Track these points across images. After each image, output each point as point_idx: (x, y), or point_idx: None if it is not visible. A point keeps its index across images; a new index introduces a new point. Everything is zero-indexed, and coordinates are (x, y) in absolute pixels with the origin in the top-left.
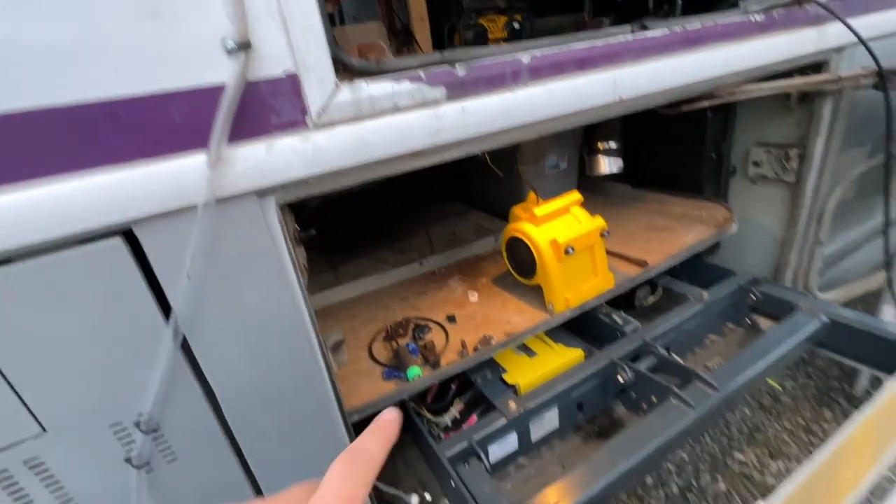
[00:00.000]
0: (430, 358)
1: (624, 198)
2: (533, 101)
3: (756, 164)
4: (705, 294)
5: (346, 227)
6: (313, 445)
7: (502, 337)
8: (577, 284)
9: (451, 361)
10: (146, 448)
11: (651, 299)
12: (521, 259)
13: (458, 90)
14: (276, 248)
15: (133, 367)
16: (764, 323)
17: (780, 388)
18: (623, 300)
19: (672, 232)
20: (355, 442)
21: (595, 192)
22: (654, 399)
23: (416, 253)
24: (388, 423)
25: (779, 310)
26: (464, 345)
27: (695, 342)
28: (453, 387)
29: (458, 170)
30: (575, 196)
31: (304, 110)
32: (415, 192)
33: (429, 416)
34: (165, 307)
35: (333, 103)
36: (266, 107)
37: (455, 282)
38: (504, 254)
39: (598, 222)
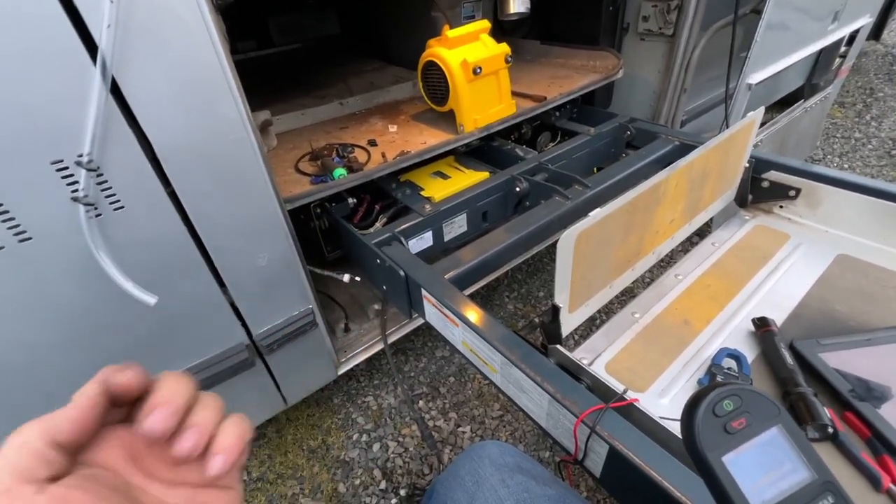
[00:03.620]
0: (353, 166)
1: (533, 53)
2: None
3: (645, 18)
4: (592, 129)
5: (266, 83)
6: (251, 214)
7: (419, 149)
8: (484, 108)
9: (372, 167)
10: (90, 187)
11: (551, 145)
12: (436, 84)
13: None
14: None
15: (66, 104)
16: None
17: None
18: (528, 145)
19: (569, 79)
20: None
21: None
22: (542, 202)
23: (337, 98)
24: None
25: (648, 140)
26: (384, 156)
27: (584, 170)
28: (377, 207)
29: (377, 25)
30: (484, 24)
31: None
32: (333, 51)
33: (356, 231)
34: (93, 49)
35: None
36: None
37: (375, 119)
38: (420, 83)
39: (504, 48)
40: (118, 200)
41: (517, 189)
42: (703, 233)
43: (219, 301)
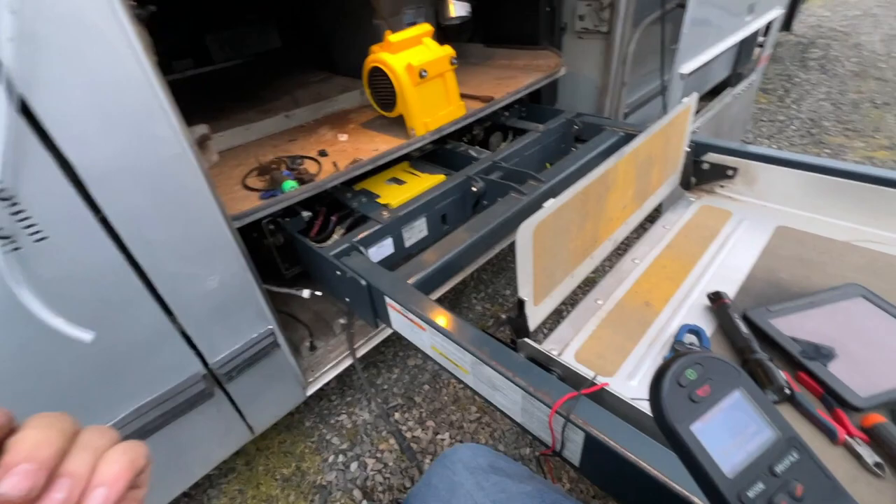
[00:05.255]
0: (304, 178)
1: (479, 56)
2: None
3: (581, 17)
4: (542, 126)
5: (208, 101)
6: (195, 235)
7: (371, 156)
8: (433, 111)
9: (324, 178)
10: (4, 218)
11: (503, 144)
12: (382, 90)
13: None
14: (112, 8)
15: None
16: None
17: None
18: (481, 146)
19: (515, 79)
20: None
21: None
22: (499, 200)
23: (282, 111)
24: None
25: (594, 133)
26: (335, 165)
27: (537, 166)
28: (334, 218)
29: (320, 37)
30: (426, 27)
31: None
32: (276, 65)
33: (313, 244)
34: None
35: None
36: None
37: (324, 129)
38: (367, 90)
39: (448, 50)
40: (39, 231)
41: (473, 189)
42: (654, 217)
43: (167, 331)
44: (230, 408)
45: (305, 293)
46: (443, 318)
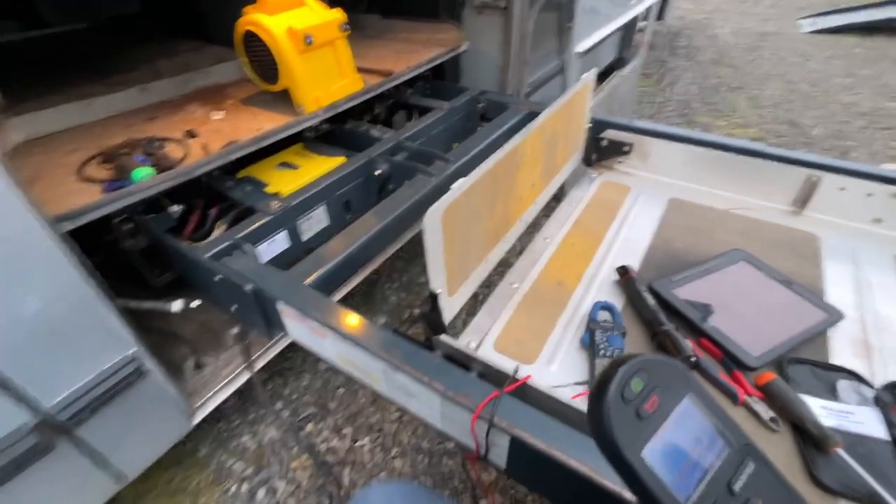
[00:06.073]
0: (163, 164)
1: (376, 29)
2: None
3: None
4: (446, 104)
5: (36, 72)
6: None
7: (252, 135)
8: (325, 84)
9: (190, 163)
10: None
11: (408, 123)
12: (260, 58)
13: None
14: None
15: None
16: None
17: None
18: (385, 125)
19: (416, 53)
20: None
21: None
22: (406, 182)
23: (138, 84)
24: None
25: (499, 111)
26: (205, 148)
27: (444, 146)
28: (212, 213)
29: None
30: None
31: None
32: (139, 31)
33: (181, 245)
34: None
35: None
36: None
37: (194, 106)
38: (243, 59)
39: (337, 14)
40: None
41: (378, 171)
42: (559, 195)
43: None
44: (82, 457)
45: (175, 306)
46: (347, 322)
